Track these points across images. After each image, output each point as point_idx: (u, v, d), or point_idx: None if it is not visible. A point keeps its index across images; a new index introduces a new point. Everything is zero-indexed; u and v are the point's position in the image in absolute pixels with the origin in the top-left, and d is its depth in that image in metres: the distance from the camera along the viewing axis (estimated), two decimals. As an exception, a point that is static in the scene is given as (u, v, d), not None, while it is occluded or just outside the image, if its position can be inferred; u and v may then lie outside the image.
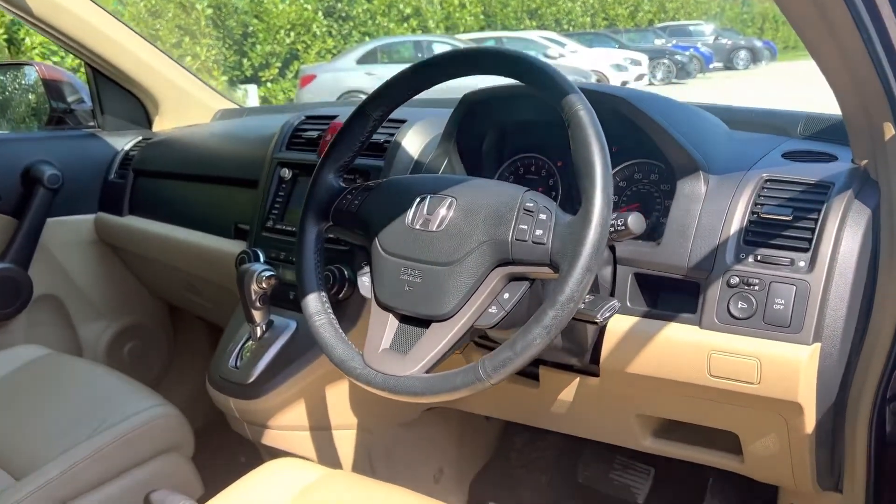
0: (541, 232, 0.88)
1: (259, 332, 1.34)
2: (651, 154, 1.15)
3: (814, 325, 0.95)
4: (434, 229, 0.96)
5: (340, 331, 1.02)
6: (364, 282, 1.06)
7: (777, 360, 0.96)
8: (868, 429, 1.04)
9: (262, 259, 1.43)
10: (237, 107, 2.19)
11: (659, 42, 20.86)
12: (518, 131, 1.29)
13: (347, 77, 11.48)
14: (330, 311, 1.05)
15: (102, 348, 2.04)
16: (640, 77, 15.83)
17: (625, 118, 1.09)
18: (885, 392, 1.02)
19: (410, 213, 0.99)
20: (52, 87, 2.00)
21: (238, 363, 1.36)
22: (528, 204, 0.91)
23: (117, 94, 2.02)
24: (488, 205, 0.94)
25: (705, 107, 1.36)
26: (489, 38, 16.08)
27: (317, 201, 1.09)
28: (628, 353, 1.07)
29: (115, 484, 1.32)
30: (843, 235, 0.97)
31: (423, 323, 0.95)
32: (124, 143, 2.00)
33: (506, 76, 0.98)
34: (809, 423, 1.00)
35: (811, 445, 1.04)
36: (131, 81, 1.99)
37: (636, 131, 1.10)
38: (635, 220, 0.92)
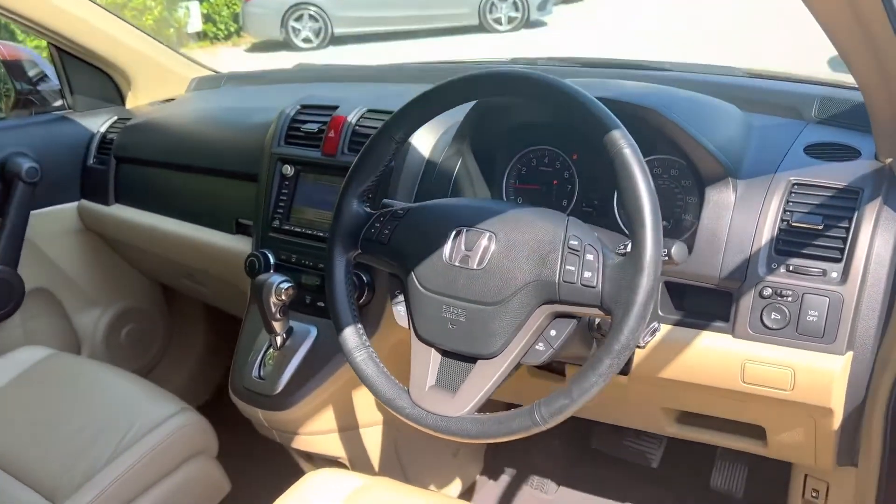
0: (590, 274, 0.88)
1: (280, 341, 1.33)
2: (670, 151, 1.14)
3: (847, 336, 0.98)
4: (475, 267, 0.94)
5: (382, 365, 1.02)
6: (399, 311, 1.05)
7: (811, 369, 1.00)
8: (885, 411, 1.10)
9: (272, 261, 1.41)
10: (213, 73, 2.08)
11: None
12: (531, 127, 1.26)
13: (297, -15, 10.90)
14: (368, 343, 1.04)
15: (100, 336, 2.01)
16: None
17: (651, 125, 1.07)
18: None
19: (447, 247, 0.97)
20: (14, 68, 1.88)
21: (262, 373, 1.35)
22: (572, 241, 0.90)
23: (85, 71, 1.90)
24: (529, 240, 0.93)
25: (718, 85, 1.34)
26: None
27: (344, 230, 1.06)
28: (660, 360, 1.10)
29: (151, 494, 1.33)
30: (875, 244, 0.99)
31: (468, 359, 0.95)
32: (99, 124, 1.90)
33: (543, 104, 0.95)
34: (837, 421, 1.05)
35: (836, 437, 1.10)
36: (99, 58, 1.87)
37: (660, 132, 1.08)
38: (678, 251, 0.93)
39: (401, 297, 1.04)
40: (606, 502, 1.71)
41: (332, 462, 1.45)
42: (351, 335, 1.03)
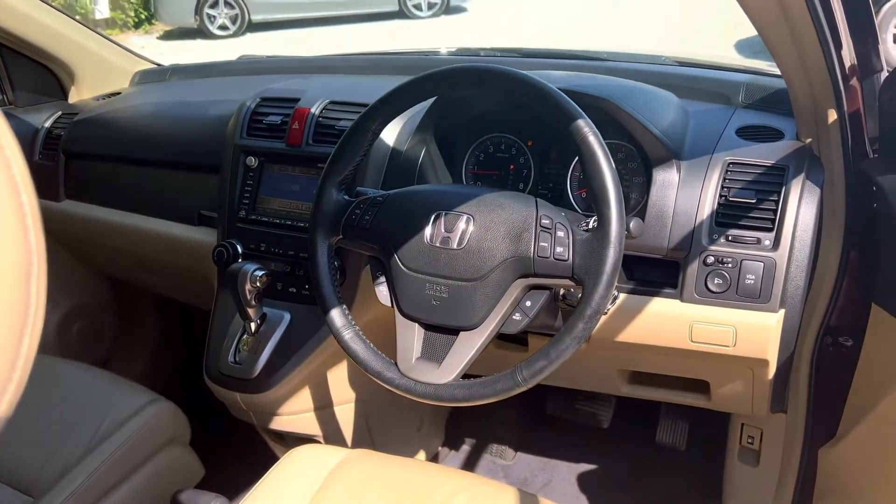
0: (561, 249, 0.98)
1: (254, 328, 1.38)
2: (617, 136, 1.25)
3: (780, 295, 1.12)
4: (455, 247, 1.03)
5: (369, 342, 1.09)
6: (382, 291, 1.12)
7: (750, 326, 1.13)
8: (810, 360, 1.25)
9: (240, 251, 1.45)
10: (156, 66, 2.08)
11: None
12: (491, 115, 1.35)
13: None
14: (354, 322, 1.11)
15: (51, 332, 1.99)
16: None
17: (605, 112, 1.18)
18: (824, 331, 1.22)
19: (428, 230, 1.05)
20: (-51, 64, 1.82)
21: (237, 358, 1.40)
22: (543, 221, 1.00)
23: (26, 66, 1.87)
24: (505, 221, 1.02)
25: (654, 73, 1.47)
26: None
27: (324, 217, 1.12)
28: (617, 326, 1.22)
29: (128, 484, 1.36)
30: (801, 214, 1.13)
31: (450, 330, 1.04)
32: (43, 119, 1.88)
33: (512, 96, 1.03)
34: (772, 370, 1.20)
35: (770, 385, 1.24)
36: (41, 52, 1.84)
37: (610, 120, 1.19)
38: (636, 225, 1.04)
39: (382, 279, 1.11)
40: (562, 464, 1.84)
41: (306, 441, 1.51)
42: (338, 316, 1.10)
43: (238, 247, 1.45)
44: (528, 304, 1.03)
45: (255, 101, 1.52)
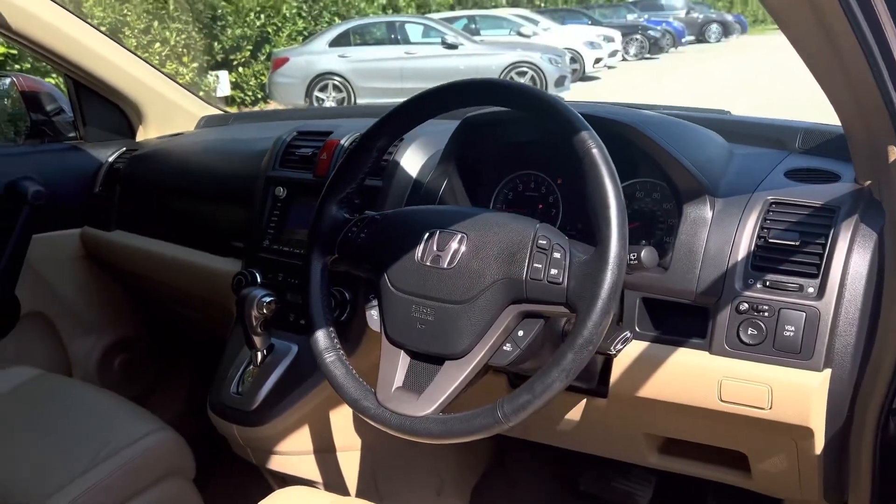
0: (556, 271, 0.88)
1: (260, 358, 1.33)
2: (653, 173, 1.15)
3: (824, 352, 0.96)
4: (445, 266, 0.95)
5: (351, 368, 1.01)
6: (373, 315, 1.04)
7: (788, 386, 0.97)
8: (873, 442, 1.06)
9: (258, 280, 1.42)
10: (221, 113, 2.15)
11: (631, 17, 20.88)
12: (517, 150, 1.28)
13: (320, 60, 11.36)
14: (339, 346, 1.04)
15: (93, 364, 2.01)
16: (613, 53, 15.82)
17: (629, 142, 1.09)
18: (889, 406, 1.04)
19: (420, 248, 0.98)
20: (32, 99, 1.94)
21: (240, 389, 1.34)
22: (540, 241, 0.91)
23: (99, 105, 1.97)
24: (500, 241, 0.93)
25: (703, 118, 1.36)
26: (461, 16, 15.96)
27: (321, 234, 1.07)
28: (638, 378, 1.08)
29: None
30: (852, 260, 0.98)
31: (436, 360, 0.94)
32: (108, 154, 1.96)
33: (516, 110, 0.97)
34: (819, 444, 1.02)
35: (820, 463, 1.06)
36: (114, 92, 1.94)
37: (639, 152, 1.10)
38: (648, 255, 0.93)
39: (374, 302, 1.04)
40: None
41: (307, 485, 1.42)
42: (322, 337, 1.03)
43: (257, 276, 1.42)
44: (521, 333, 0.92)
45: (291, 134, 1.52)
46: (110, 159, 1.95)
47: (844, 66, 0.87)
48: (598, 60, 14.81)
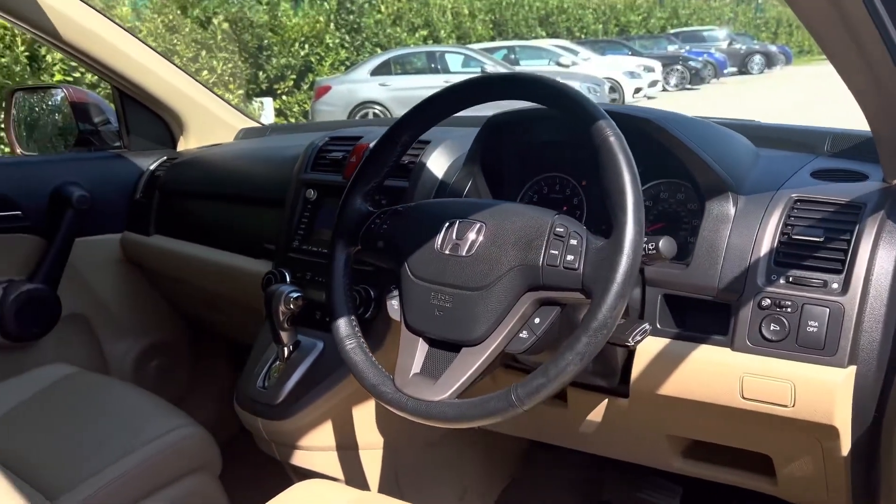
0: (572, 257, 0.88)
1: (286, 353, 1.35)
2: (677, 173, 1.15)
3: (849, 348, 0.95)
4: (464, 254, 0.96)
5: (370, 355, 1.02)
6: (393, 305, 1.06)
7: (812, 383, 0.96)
8: None
9: (288, 279, 1.44)
10: (260, 125, 2.21)
11: (672, 48, 20.85)
12: (542, 151, 1.30)
13: (361, 88, 11.59)
14: (360, 334, 1.05)
15: (129, 366, 2.06)
16: (653, 83, 15.80)
17: (652, 139, 1.09)
18: None
19: (439, 237, 0.99)
20: (79, 110, 2.02)
21: (266, 384, 1.37)
22: (558, 229, 0.91)
23: (143, 115, 2.05)
24: (518, 229, 0.94)
25: (731, 124, 1.36)
26: (501, 46, 16.13)
27: (346, 226, 1.10)
28: (659, 376, 1.07)
29: (147, 502, 1.33)
30: (877, 256, 0.97)
31: (454, 347, 0.95)
32: (150, 162, 2.03)
33: (535, 102, 0.98)
34: (845, 445, 1.00)
35: (847, 467, 1.04)
36: (157, 103, 2.01)
37: (663, 151, 1.10)
38: (667, 245, 0.93)
39: (395, 292, 1.06)
40: None
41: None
42: (344, 324, 1.05)
43: (287, 275, 1.45)
44: (537, 321, 0.93)
45: (323, 139, 1.56)
46: (151, 167, 2.02)
47: (867, 61, 0.87)
48: (637, 90, 14.82)
